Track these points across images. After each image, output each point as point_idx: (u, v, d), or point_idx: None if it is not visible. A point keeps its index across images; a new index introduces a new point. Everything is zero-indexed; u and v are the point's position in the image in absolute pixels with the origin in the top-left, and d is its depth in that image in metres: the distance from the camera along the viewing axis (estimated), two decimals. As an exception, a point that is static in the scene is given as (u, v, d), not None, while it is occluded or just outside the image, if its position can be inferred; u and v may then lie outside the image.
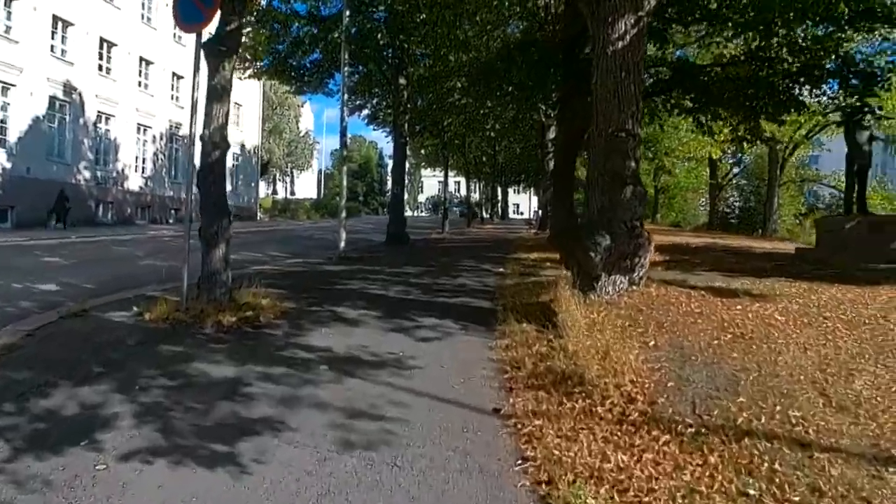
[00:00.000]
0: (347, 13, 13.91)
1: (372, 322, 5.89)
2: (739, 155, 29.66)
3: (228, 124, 6.13)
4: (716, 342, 4.49)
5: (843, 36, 10.47)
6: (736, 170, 30.79)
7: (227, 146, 6.10)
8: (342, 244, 12.81)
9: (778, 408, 3.30)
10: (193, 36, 5.96)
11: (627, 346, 4.45)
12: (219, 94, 5.91)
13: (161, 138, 29.30)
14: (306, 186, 68.02)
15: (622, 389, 3.60)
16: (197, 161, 6.07)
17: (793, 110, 12.92)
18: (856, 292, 6.26)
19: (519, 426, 3.21)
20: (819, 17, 10.37)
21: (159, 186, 29.45)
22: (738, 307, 5.44)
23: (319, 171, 68.87)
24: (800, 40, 11.54)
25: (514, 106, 18.53)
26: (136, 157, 27.72)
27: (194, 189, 5.98)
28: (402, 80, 17.65)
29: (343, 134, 14.47)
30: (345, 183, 14.71)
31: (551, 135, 20.44)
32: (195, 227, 5.95)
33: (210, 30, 5.95)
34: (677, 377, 3.90)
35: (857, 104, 11.36)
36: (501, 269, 10.23)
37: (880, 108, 10.61)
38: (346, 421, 3.32)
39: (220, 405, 3.51)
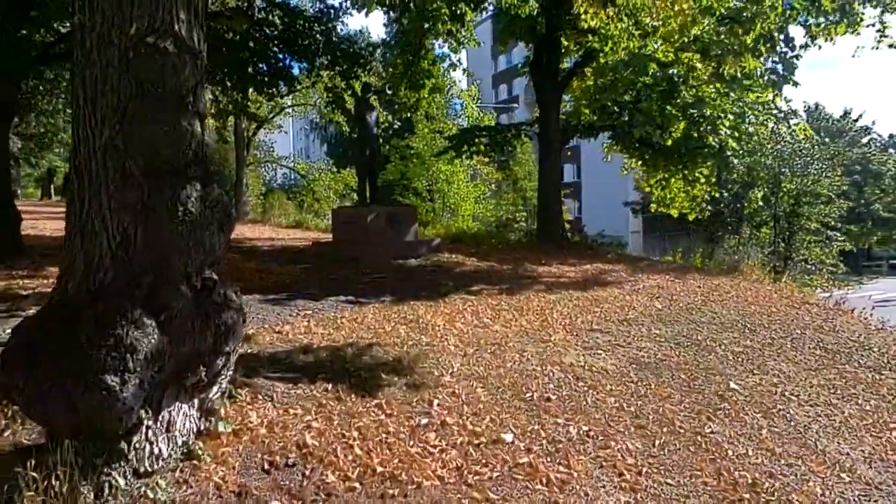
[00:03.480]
0: None
1: None
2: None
3: None
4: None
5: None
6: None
7: None
8: None
9: None
10: None
11: None
12: None
13: None
14: None
15: None
16: None
17: (282, 84, 11.60)
18: (471, 328, 5.05)
19: None
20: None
21: None
22: (422, 424, 3.12)
23: None
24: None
25: None
26: None
27: None
28: None
29: None
30: None
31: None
32: None
33: None
34: None
35: (344, 84, 10.95)
36: None
37: (390, 90, 10.24)
38: None
39: None
